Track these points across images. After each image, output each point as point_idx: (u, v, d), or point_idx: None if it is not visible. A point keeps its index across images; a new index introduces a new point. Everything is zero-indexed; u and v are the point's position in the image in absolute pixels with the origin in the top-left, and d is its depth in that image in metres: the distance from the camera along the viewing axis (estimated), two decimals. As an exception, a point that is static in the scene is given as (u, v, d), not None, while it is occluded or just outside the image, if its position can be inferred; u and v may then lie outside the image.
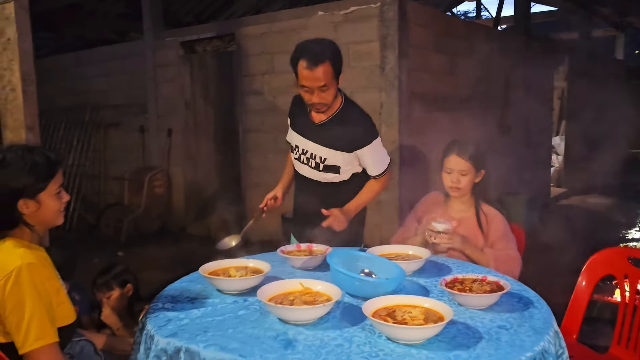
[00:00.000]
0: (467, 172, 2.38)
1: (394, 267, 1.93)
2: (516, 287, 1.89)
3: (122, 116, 7.16)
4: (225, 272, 1.94)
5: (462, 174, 2.37)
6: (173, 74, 6.45)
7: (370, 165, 2.53)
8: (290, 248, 2.30)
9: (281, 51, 5.36)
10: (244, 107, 5.79)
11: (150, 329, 1.57)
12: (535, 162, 7.45)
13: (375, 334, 1.50)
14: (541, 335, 1.50)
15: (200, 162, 6.41)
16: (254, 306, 1.73)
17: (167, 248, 5.99)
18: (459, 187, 2.39)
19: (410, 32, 4.66)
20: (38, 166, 1.61)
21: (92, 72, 7.48)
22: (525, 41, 6.81)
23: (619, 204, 7.85)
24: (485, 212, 2.43)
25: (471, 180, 2.40)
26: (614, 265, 2.25)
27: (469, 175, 2.38)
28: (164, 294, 1.87)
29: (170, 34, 6.51)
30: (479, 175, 2.42)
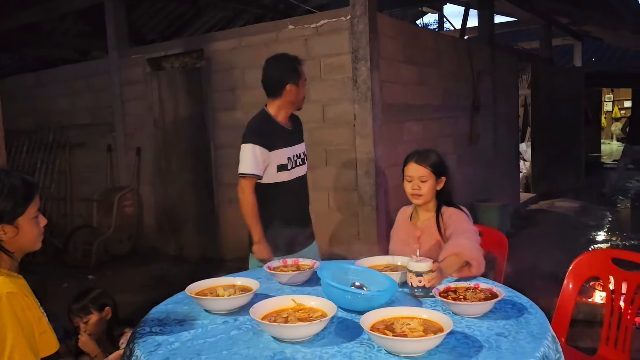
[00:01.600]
0: (427, 179, 2.38)
1: (384, 279, 1.91)
2: (508, 293, 1.89)
3: (88, 136, 6.97)
4: (213, 291, 1.88)
5: (421, 181, 2.38)
6: (140, 92, 6.33)
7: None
8: (276, 264, 2.25)
9: (251, 66, 5.32)
10: (215, 123, 5.72)
11: (139, 355, 1.50)
12: (505, 168, 7.59)
13: (375, 348, 1.47)
14: (540, 340, 1.50)
15: (171, 180, 6.29)
16: (246, 325, 1.68)
17: (139, 269, 5.84)
18: (420, 194, 2.39)
19: (381, 44, 4.69)
20: (16, 190, 1.54)
21: (55, 92, 7.29)
22: (490, 51, 6.96)
23: (585, 206, 8.04)
24: (443, 213, 2.43)
25: (432, 187, 2.40)
26: (598, 267, 2.28)
27: (429, 182, 2.39)
28: (149, 317, 1.80)
29: (136, 51, 6.40)
30: (440, 182, 2.42)
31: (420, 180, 2.38)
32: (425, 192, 2.40)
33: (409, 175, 2.42)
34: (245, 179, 2.74)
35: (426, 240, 2.37)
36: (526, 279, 3.23)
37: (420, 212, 2.51)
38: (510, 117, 7.87)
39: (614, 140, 20.26)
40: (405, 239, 2.48)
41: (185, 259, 6.11)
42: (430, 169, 2.38)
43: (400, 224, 2.59)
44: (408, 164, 2.43)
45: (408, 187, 2.43)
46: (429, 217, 2.47)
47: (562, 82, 9.26)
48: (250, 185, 2.74)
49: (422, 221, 2.48)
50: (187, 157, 6.11)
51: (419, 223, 2.49)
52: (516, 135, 8.41)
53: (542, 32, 9.87)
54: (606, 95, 19.74)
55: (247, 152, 2.72)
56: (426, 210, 2.48)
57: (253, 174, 2.71)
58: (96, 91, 6.80)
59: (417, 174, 2.39)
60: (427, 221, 2.46)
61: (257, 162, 2.71)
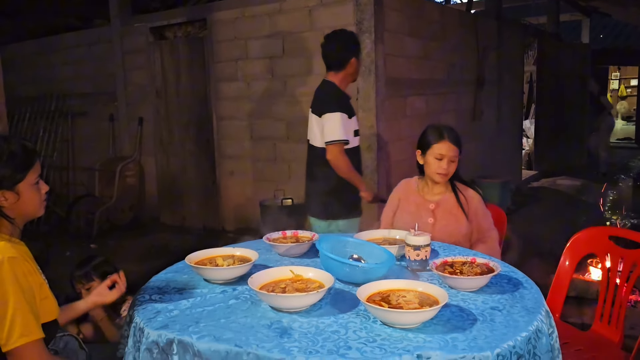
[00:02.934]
0: (455, 159, 2.38)
1: (383, 252, 1.93)
2: (505, 268, 1.91)
3: (90, 105, 6.96)
4: (212, 261, 1.90)
5: (451, 160, 2.36)
6: (143, 61, 6.29)
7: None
8: (275, 235, 2.27)
9: (254, 37, 5.27)
10: (217, 94, 5.69)
11: (139, 322, 1.53)
12: (507, 145, 7.56)
13: (370, 319, 1.49)
14: (534, 315, 1.52)
15: (173, 151, 6.29)
16: (244, 295, 1.70)
17: (141, 239, 5.89)
18: (447, 174, 2.38)
19: (385, 17, 4.63)
20: (15, 156, 1.54)
21: (57, 60, 7.24)
22: (497, 25, 6.87)
23: (587, 184, 8.04)
24: (462, 191, 2.44)
25: (456, 166, 2.40)
26: (596, 244, 2.29)
27: (456, 162, 2.39)
28: (149, 285, 1.82)
29: (139, 19, 6.34)
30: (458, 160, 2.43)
31: (450, 160, 2.36)
32: (451, 172, 2.40)
33: (441, 154, 2.35)
34: (338, 145, 2.95)
35: (442, 215, 2.38)
36: (524, 255, 3.27)
37: (433, 186, 2.47)
38: (514, 94, 7.81)
39: (619, 119, 20.10)
40: (415, 212, 2.46)
41: (186, 229, 6.16)
42: (459, 149, 2.37)
43: (407, 196, 2.54)
44: (441, 141, 2.36)
45: (435, 166, 2.37)
46: (442, 191, 2.46)
47: (569, 59, 9.16)
48: (342, 149, 2.96)
49: (435, 195, 2.46)
50: (189, 127, 6.11)
51: (430, 197, 2.47)
52: (520, 112, 8.36)
53: (550, 7, 9.72)
54: (613, 73, 19.51)
55: (336, 119, 2.94)
56: (440, 185, 2.45)
57: (344, 139, 2.95)
58: (98, 60, 6.75)
59: (451, 153, 2.35)
60: (441, 195, 2.45)
61: (345, 128, 2.95)
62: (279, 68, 5.15)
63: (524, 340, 1.39)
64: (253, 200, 5.20)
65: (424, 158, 2.44)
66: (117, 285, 1.82)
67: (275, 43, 5.12)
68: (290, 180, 5.23)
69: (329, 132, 2.96)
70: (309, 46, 4.89)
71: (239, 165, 5.65)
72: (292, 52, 5.02)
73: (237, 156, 5.66)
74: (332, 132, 2.95)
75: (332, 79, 3.10)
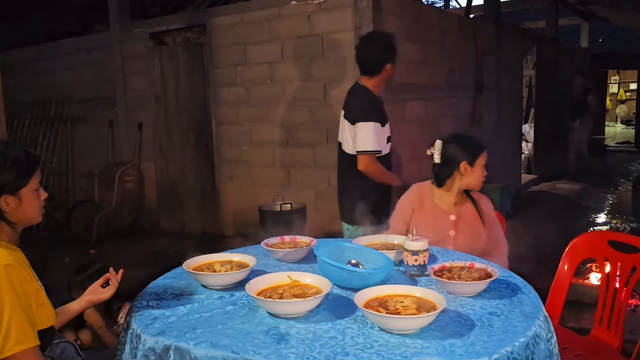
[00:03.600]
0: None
1: (381, 257, 1.92)
2: (503, 273, 1.90)
3: (89, 110, 6.96)
4: (210, 267, 1.90)
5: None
6: (142, 67, 6.30)
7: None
8: (273, 240, 2.27)
9: (254, 42, 5.28)
10: (216, 99, 5.70)
11: (136, 328, 1.52)
12: (507, 149, 7.56)
13: (368, 325, 1.48)
14: (532, 320, 1.51)
15: (173, 156, 6.29)
16: (242, 301, 1.70)
17: (140, 244, 5.88)
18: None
19: (384, 22, 4.64)
20: (19, 162, 1.55)
21: (56, 65, 7.25)
22: (496, 30, 6.88)
23: (587, 188, 8.04)
24: (477, 199, 2.42)
25: None
26: (594, 249, 2.29)
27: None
28: (147, 291, 1.82)
29: (138, 25, 6.35)
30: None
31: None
32: None
33: (483, 165, 2.37)
34: (369, 155, 2.91)
35: (464, 227, 2.35)
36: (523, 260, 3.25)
37: (444, 194, 2.40)
38: (513, 98, 7.82)
39: (619, 123, 20.13)
40: (434, 223, 2.37)
41: (186, 234, 6.15)
42: None
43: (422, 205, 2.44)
44: (483, 153, 2.36)
45: (482, 176, 2.37)
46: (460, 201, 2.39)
47: (568, 63, 9.17)
48: (373, 158, 2.93)
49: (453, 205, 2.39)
50: (189, 133, 6.11)
51: (448, 207, 2.40)
52: (519, 116, 8.37)
53: (548, 12, 9.74)
54: (612, 77, 19.55)
55: (370, 129, 2.90)
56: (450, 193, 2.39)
57: (376, 150, 2.91)
58: (98, 65, 6.77)
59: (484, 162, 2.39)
60: (461, 206, 2.39)
61: (378, 137, 2.92)
62: (278, 73, 5.15)
63: (522, 345, 1.38)
64: (252, 205, 5.19)
65: (471, 169, 2.34)
66: (110, 282, 1.81)
67: (274, 48, 5.13)
68: (289, 185, 5.23)
69: (361, 142, 2.91)
70: (308, 51, 4.89)
71: (238, 170, 5.65)
72: (291, 58, 5.03)
73: (236, 161, 5.66)
74: (365, 142, 2.90)
75: (366, 84, 3.04)
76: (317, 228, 4.61)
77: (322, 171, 4.97)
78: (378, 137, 2.91)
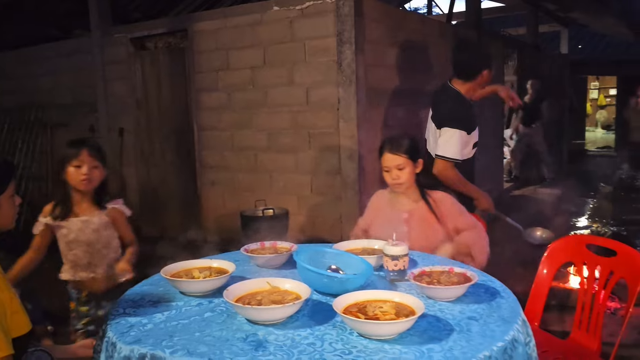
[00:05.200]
0: (404, 166, 2.40)
1: (360, 263, 1.92)
2: (482, 277, 1.91)
3: (70, 116, 6.88)
4: (188, 273, 1.88)
5: (399, 169, 2.40)
6: (123, 72, 6.25)
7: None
8: (253, 246, 2.25)
9: (236, 47, 5.27)
10: (198, 104, 5.67)
11: (111, 336, 1.50)
12: (488, 155, 7.63)
13: (347, 331, 1.48)
14: (510, 324, 1.52)
15: (154, 162, 6.24)
16: (220, 307, 1.68)
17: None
18: (400, 183, 2.42)
19: (366, 28, 4.66)
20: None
21: (36, 70, 7.16)
22: (477, 36, 6.95)
23: (567, 193, 8.13)
24: (432, 196, 2.47)
25: (411, 173, 2.43)
26: (573, 253, 2.31)
27: (407, 168, 2.41)
28: (124, 298, 1.79)
29: (119, 30, 6.30)
30: (418, 165, 2.45)
31: (397, 169, 2.40)
32: (405, 180, 2.42)
33: (386, 166, 2.44)
34: (448, 161, 2.90)
35: (416, 223, 2.40)
36: (503, 264, 3.28)
37: (400, 197, 2.51)
38: (495, 103, 7.89)
39: (599, 128, 20.45)
40: (389, 224, 2.46)
41: (167, 240, 6.09)
42: (405, 156, 2.39)
43: (381, 208, 2.59)
44: (383, 154, 2.44)
45: (388, 177, 2.45)
46: (413, 200, 2.48)
47: (548, 69, 9.30)
48: (450, 165, 2.91)
49: (404, 205, 2.49)
50: (170, 138, 6.07)
51: (402, 207, 2.49)
52: (501, 121, 8.44)
53: (529, 18, 9.87)
54: (592, 83, 19.87)
55: (454, 137, 2.88)
56: (407, 196, 2.49)
57: (457, 159, 2.91)
58: (78, 70, 6.69)
59: (394, 163, 2.40)
60: (414, 204, 2.47)
61: (462, 145, 2.92)
62: (260, 78, 5.14)
63: (500, 350, 1.38)
64: (234, 211, 5.17)
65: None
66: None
67: (256, 54, 5.12)
68: (271, 190, 5.21)
69: (442, 147, 2.91)
70: (290, 57, 4.89)
71: (220, 175, 5.62)
72: (273, 63, 5.02)
73: (218, 166, 5.63)
74: (446, 148, 2.89)
75: (458, 87, 3.03)
76: (299, 233, 4.60)
77: (305, 177, 4.97)
78: (461, 145, 2.91)
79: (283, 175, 5.13)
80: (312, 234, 4.62)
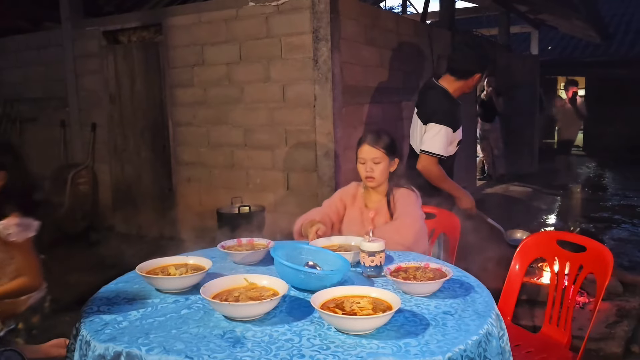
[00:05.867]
0: (380, 160, 2.40)
1: (337, 259, 1.93)
2: (457, 273, 1.94)
3: (40, 110, 6.73)
4: (164, 270, 1.86)
5: (374, 162, 2.40)
6: (95, 66, 6.14)
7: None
8: (230, 243, 2.24)
9: (211, 42, 5.22)
10: (173, 100, 5.60)
11: (85, 334, 1.48)
12: (461, 153, 7.72)
13: (325, 327, 1.48)
14: (484, 318, 1.55)
15: (128, 158, 6.15)
16: (197, 304, 1.67)
17: (94, 248, 5.72)
18: (373, 177, 2.41)
19: (342, 25, 4.67)
20: None
21: (5, 63, 6.98)
22: (450, 36, 7.03)
23: (538, 191, 8.30)
24: (395, 194, 2.47)
25: (386, 169, 2.42)
26: (544, 249, 2.36)
27: (383, 164, 2.40)
28: (98, 296, 1.77)
29: (91, 23, 6.18)
30: (393, 163, 2.45)
31: (373, 162, 2.40)
32: (378, 175, 2.41)
33: (362, 157, 2.43)
34: (431, 157, 2.93)
35: (378, 221, 2.41)
36: (477, 260, 3.33)
37: (372, 192, 2.52)
38: (468, 102, 8.00)
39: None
40: (359, 220, 2.49)
41: (142, 238, 6.02)
42: (383, 151, 2.40)
43: (352, 202, 2.57)
44: (361, 145, 2.44)
45: (362, 170, 2.44)
46: (380, 197, 2.50)
47: (519, 69, 9.46)
48: (435, 161, 2.95)
49: (374, 202, 2.50)
50: (145, 134, 5.98)
51: (371, 204, 2.50)
52: (474, 120, 8.56)
53: (500, 20, 10.03)
54: (561, 83, 20.26)
55: (440, 133, 2.91)
56: (377, 193, 2.50)
57: (441, 155, 2.94)
58: (49, 64, 6.55)
59: (370, 156, 2.40)
60: (379, 202, 2.48)
61: (447, 142, 2.95)
62: (235, 74, 5.11)
63: (475, 343, 1.41)
64: (210, 208, 5.13)
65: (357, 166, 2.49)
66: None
67: (232, 49, 5.09)
68: (248, 187, 5.19)
69: (428, 142, 2.94)
70: (266, 53, 4.88)
71: (196, 172, 5.57)
72: (249, 59, 5.00)
73: (194, 163, 5.58)
74: (431, 144, 2.92)
75: (446, 85, 3.04)
76: (276, 230, 4.59)
77: (281, 173, 4.96)
78: (446, 142, 2.95)
79: (259, 172, 5.11)
80: (288, 232, 4.62)
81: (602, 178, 10.15)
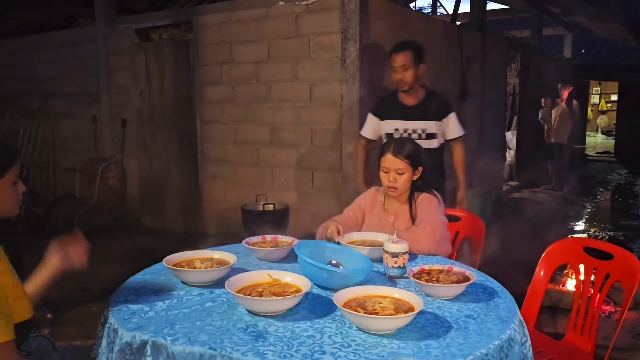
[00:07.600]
0: (404, 171, 2.35)
1: (361, 259, 1.94)
2: (480, 277, 1.93)
3: (73, 105, 6.89)
4: (190, 263, 1.90)
5: (398, 173, 2.35)
6: (127, 63, 6.26)
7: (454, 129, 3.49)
8: (255, 239, 2.27)
9: (240, 41, 5.28)
10: (201, 97, 5.68)
11: (113, 323, 1.52)
12: (489, 156, 7.64)
13: (346, 325, 1.50)
14: (507, 324, 1.54)
15: (156, 153, 6.26)
16: (221, 298, 1.70)
17: (121, 241, 5.82)
18: (396, 187, 2.37)
19: (371, 25, 4.67)
20: None
21: (40, 58, 7.17)
22: (481, 37, 6.96)
23: (566, 197, 8.16)
24: (416, 199, 2.43)
25: (409, 179, 2.38)
26: (570, 255, 2.33)
27: (406, 174, 2.36)
28: (126, 286, 1.81)
29: (124, 20, 6.31)
30: (417, 172, 2.40)
31: (397, 173, 2.36)
32: (401, 185, 2.37)
33: (385, 167, 2.38)
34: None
35: (399, 226, 2.39)
36: (501, 265, 3.30)
37: (391, 199, 2.49)
38: (497, 105, 7.91)
39: (599, 133, 20.47)
40: (378, 225, 2.47)
41: (167, 232, 6.12)
42: (407, 161, 2.34)
43: (372, 207, 2.55)
44: (385, 154, 2.38)
45: (384, 179, 2.40)
46: (401, 202, 2.47)
47: (551, 73, 9.30)
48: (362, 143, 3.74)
49: (395, 207, 2.48)
50: (173, 130, 6.08)
51: (392, 209, 2.48)
52: (502, 123, 8.47)
53: (533, 21, 9.88)
54: (593, 88, 19.88)
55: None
56: (399, 199, 2.47)
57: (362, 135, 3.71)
58: (82, 60, 6.70)
59: (394, 166, 2.35)
60: (401, 207, 2.47)
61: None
62: (264, 73, 5.16)
63: (497, 348, 1.40)
64: (235, 205, 5.19)
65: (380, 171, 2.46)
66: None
67: (260, 48, 5.13)
68: (272, 185, 5.23)
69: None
70: (294, 52, 4.91)
71: (222, 169, 5.64)
72: (278, 58, 5.04)
73: (220, 160, 5.64)
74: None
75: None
76: (299, 229, 4.62)
77: (306, 172, 4.98)
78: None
79: (284, 171, 5.15)
80: (311, 230, 4.64)
81: (634, 185, 9.92)
